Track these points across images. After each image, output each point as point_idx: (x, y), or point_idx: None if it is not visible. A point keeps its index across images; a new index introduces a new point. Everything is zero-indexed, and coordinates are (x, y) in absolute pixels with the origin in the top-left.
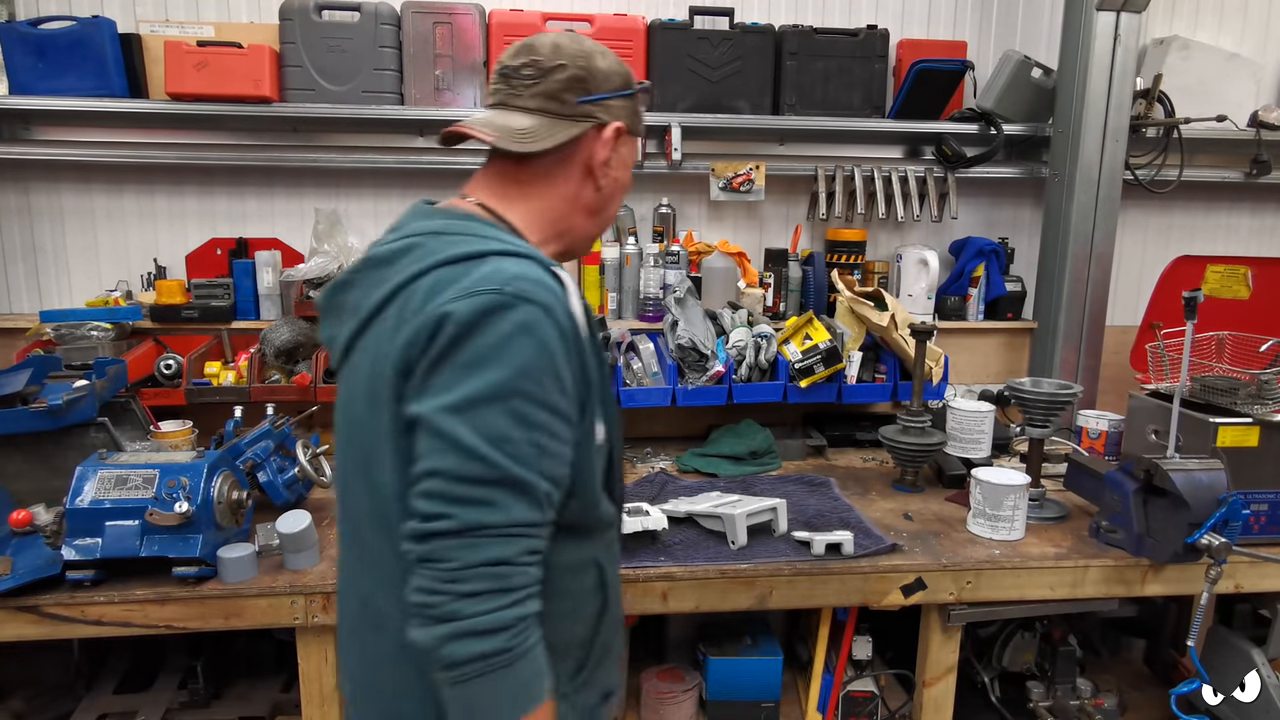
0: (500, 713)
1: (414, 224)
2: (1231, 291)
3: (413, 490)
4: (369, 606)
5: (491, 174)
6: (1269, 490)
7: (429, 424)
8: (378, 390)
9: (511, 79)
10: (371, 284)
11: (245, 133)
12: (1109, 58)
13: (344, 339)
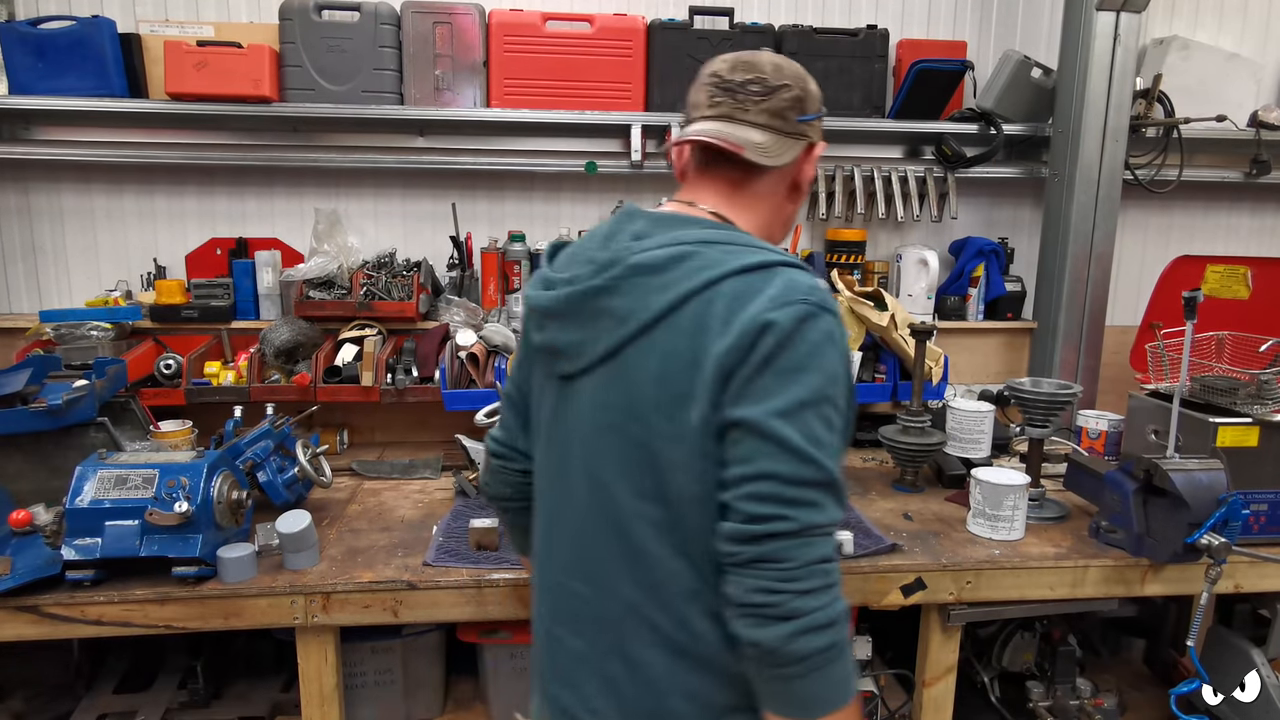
0: (835, 701)
1: (670, 231)
2: (1231, 291)
3: (732, 493)
4: (634, 617)
5: (718, 183)
6: (1269, 490)
7: (759, 428)
8: (680, 395)
9: (737, 93)
10: (643, 291)
11: (245, 133)
12: (1109, 58)
13: (608, 343)
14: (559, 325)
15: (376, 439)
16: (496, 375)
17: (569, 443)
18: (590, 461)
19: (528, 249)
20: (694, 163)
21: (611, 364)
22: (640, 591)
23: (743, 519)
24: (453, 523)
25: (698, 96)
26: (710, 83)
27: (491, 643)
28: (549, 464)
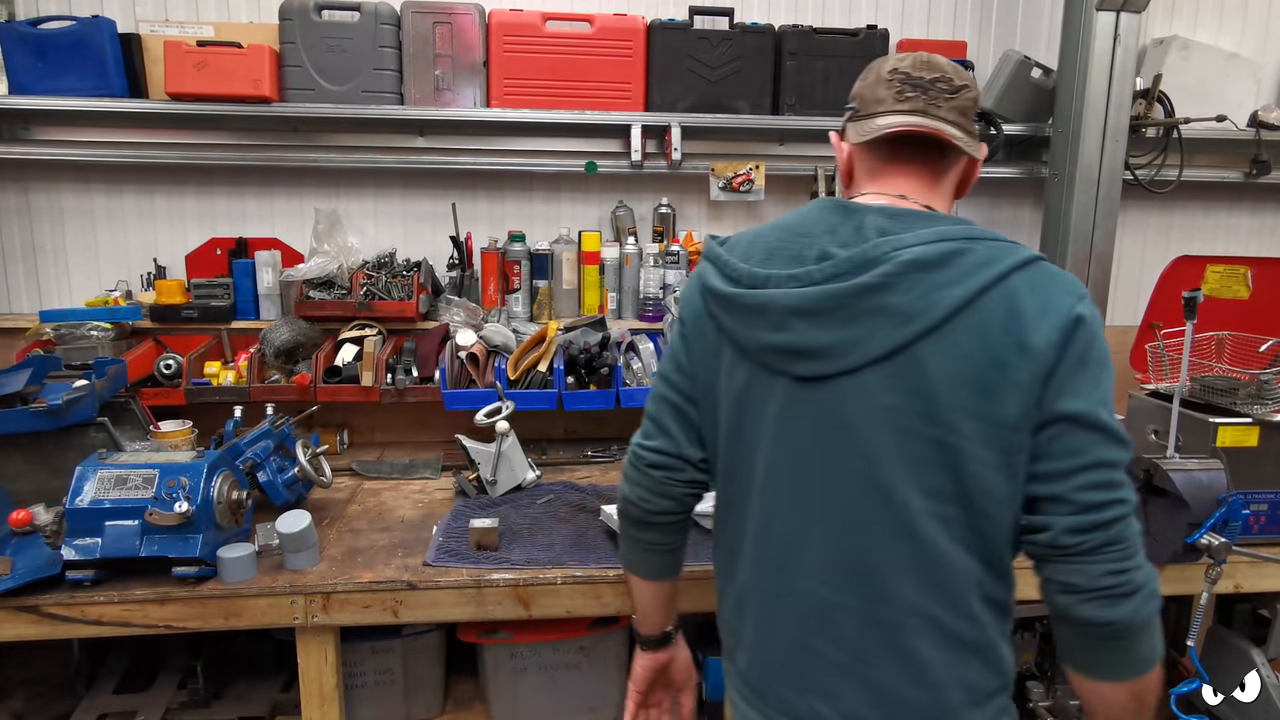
0: (1159, 650)
1: (919, 227)
2: (1231, 291)
3: (1065, 484)
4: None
5: (916, 175)
6: (1269, 490)
7: (1091, 420)
8: (990, 391)
9: (928, 90)
10: (926, 288)
11: (245, 133)
12: (1109, 58)
13: (887, 343)
14: (811, 324)
15: (376, 439)
16: (496, 375)
17: (813, 446)
18: (863, 464)
19: (528, 249)
20: (878, 156)
21: (893, 363)
22: (924, 590)
23: (1082, 508)
24: (453, 523)
25: (878, 92)
26: (895, 79)
27: (491, 643)
28: (775, 469)
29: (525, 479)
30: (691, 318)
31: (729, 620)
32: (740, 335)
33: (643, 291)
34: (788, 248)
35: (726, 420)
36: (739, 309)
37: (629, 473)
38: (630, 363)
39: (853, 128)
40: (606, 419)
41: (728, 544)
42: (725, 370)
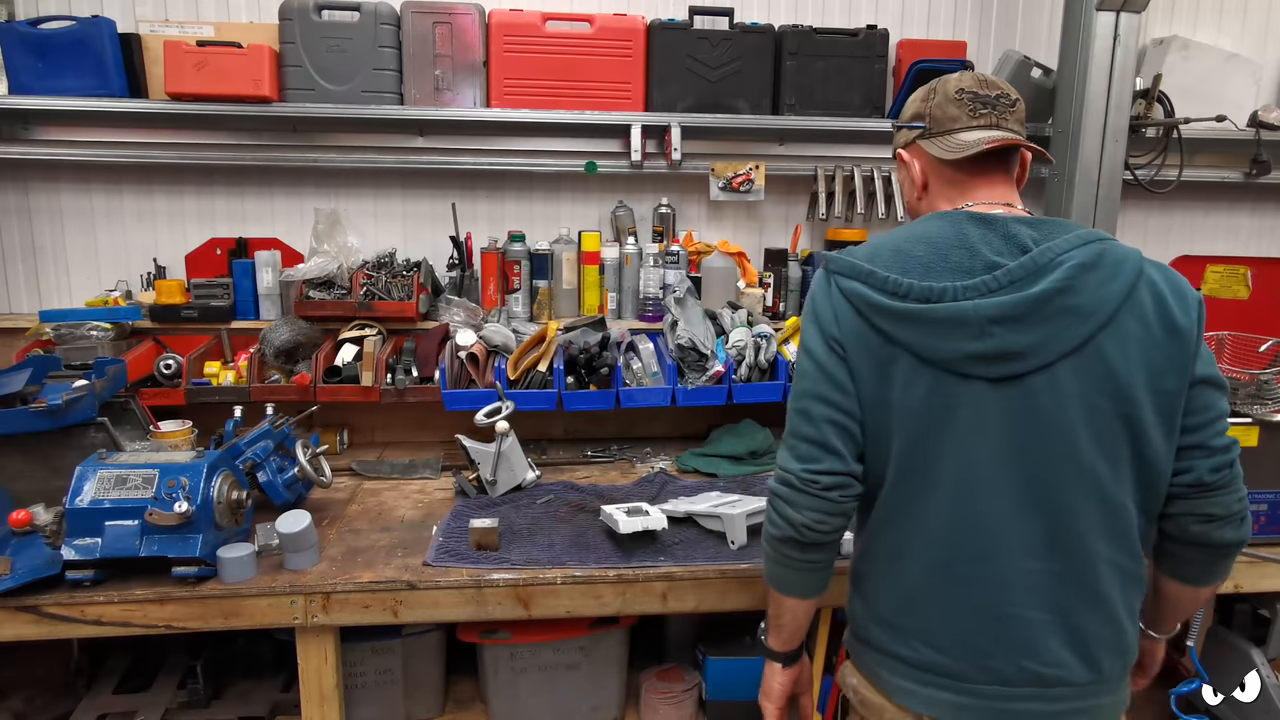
0: None
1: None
2: (1231, 291)
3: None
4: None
5: (1004, 183)
6: (1269, 490)
7: (1217, 380)
8: (1159, 368)
9: (995, 105)
10: (1094, 285)
11: (245, 133)
12: (1109, 58)
13: (1074, 338)
14: (1010, 329)
15: (376, 439)
16: (496, 375)
17: (1011, 439)
18: (1062, 445)
19: (528, 249)
20: (963, 168)
21: (1080, 355)
22: (1111, 542)
23: (1219, 450)
24: (453, 523)
25: (949, 110)
26: (965, 97)
27: (491, 643)
28: (971, 466)
29: (525, 479)
30: (851, 335)
31: (894, 615)
32: (924, 346)
33: (643, 291)
34: (944, 259)
35: (905, 428)
36: (925, 322)
37: (796, 499)
38: (630, 363)
39: (933, 144)
40: (606, 419)
41: (893, 545)
42: (900, 381)
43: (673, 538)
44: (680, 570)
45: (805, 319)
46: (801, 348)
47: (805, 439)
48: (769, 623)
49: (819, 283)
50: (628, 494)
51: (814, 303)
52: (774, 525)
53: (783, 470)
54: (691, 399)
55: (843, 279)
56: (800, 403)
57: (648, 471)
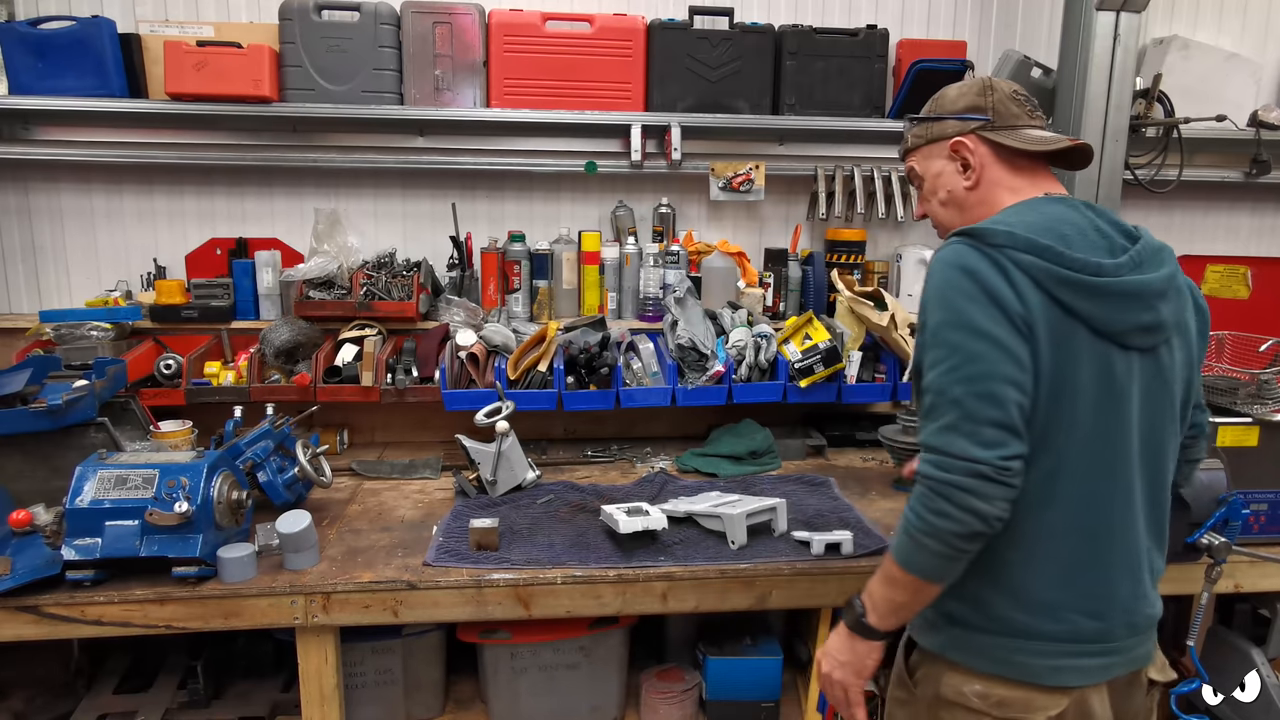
0: None
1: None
2: (1231, 291)
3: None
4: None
5: (1053, 177)
6: (1269, 490)
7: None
8: (1191, 355)
9: (1038, 109)
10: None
11: (245, 133)
12: (1109, 58)
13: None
14: (1163, 303)
15: (376, 439)
16: (496, 375)
17: (1158, 409)
18: (1173, 412)
19: (528, 249)
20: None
21: (1179, 329)
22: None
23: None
24: (453, 523)
25: (1011, 109)
26: (1020, 97)
27: (491, 643)
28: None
29: (525, 479)
30: (1036, 311)
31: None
32: (1102, 318)
33: (643, 291)
34: (1085, 238)
35: (1084, 401)
36: (1106, 295)
37: (988, 490)
38: (630, 363)
39: (1004, 135)
40: (606, 419)
41: (1049, 522)
42: (1077, 355)
43: (673, 538)
44: (680, 570)
45: (960, 298)
46: (960, 327)
47: (993, 423)
48: (885, 606)
49: (972, 258)
50: (628, 494)
51: (977, 279)
52: (952, 520)
53: (964, 460)
54: (691, 399)
55: (1016, 253)
56: (980, 385)
57: (648, 471)
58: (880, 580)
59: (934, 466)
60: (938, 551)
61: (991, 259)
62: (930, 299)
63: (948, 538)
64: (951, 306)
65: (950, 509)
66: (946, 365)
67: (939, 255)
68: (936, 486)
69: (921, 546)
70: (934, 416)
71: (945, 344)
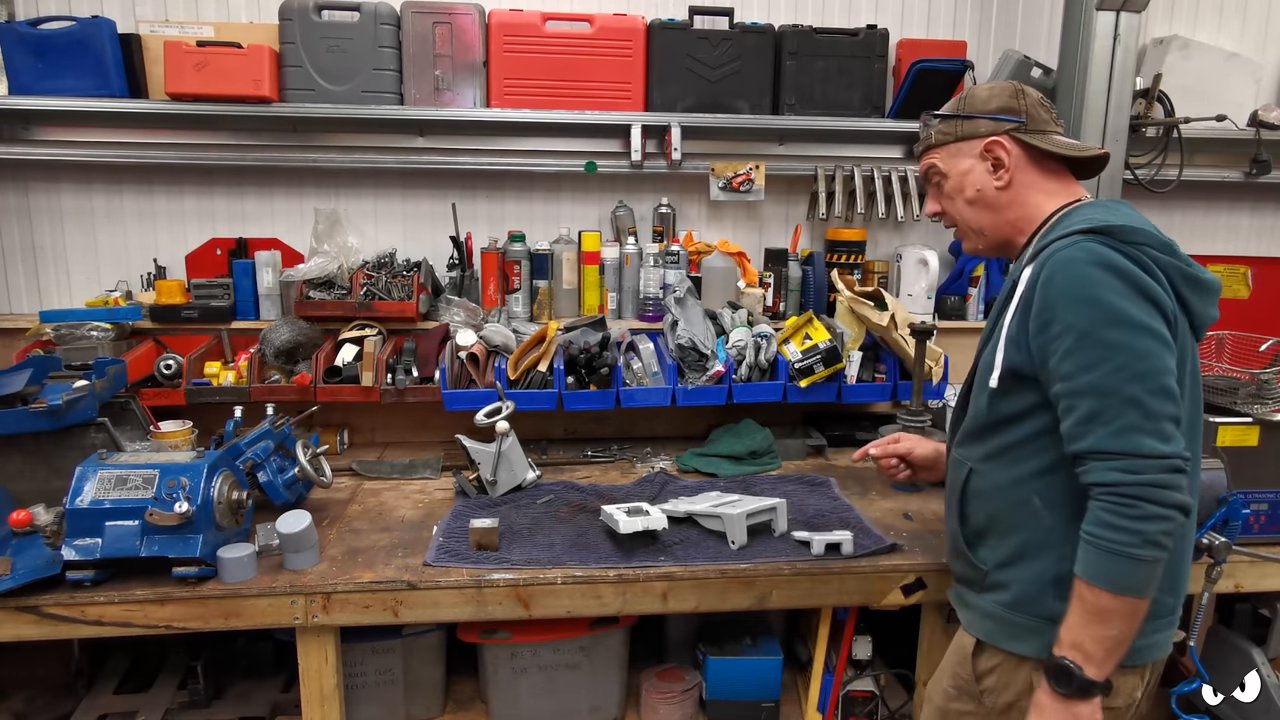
0: None
1: None
2: (1231, 291)
3: None
4: None
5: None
6: (1269, 490)
7: None
8: None
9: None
10: None
11: (245, 133)
12: (1109, 57)
13: None
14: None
15: (376, 439)
16: (496, 375)
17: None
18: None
19: (528, 249)
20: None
21: None
22: None
23: None
24: (453, 523)
25: (1042, 114)
26: (1046, 104)
27: (491, 643)
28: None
29: (525, 479)
30: (1172, 308)
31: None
32: (1200, 312)
33: (643, 291)
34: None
35: (1188, 392)
36: (1206, 290)
37: (1184, 482)
38: (630, 363)
39: (1041, 139)
40: (606, 419)
41: None
42: (1188, 348)
43: (673, 538)
44: (680, 570)
45: (1114, 296)
46: (1121, 324)
47: (1172, 418)
48: (1101, 649)
49: (1113, 256)
50: (628, 494)
51: (1127, 277)
52: (1161, 519)
53: (1159, 457)
54: (691, 399)
55: (1152, 250)
56: (1154, 381)
57: (648, 471)
58: (1087, 622)
59: (1123, 471)
60: (1151, 558)
61: (1134, 256)
62: (1067, 299)
63: (1160, 538)
64: (1104, 304)
65: (1157, 510)
66: (1112, 365)
67: (1069, 255)
68: (1133, 490)
69: (1134, 560)
70: (1105, 419)
71: (1105, 344)
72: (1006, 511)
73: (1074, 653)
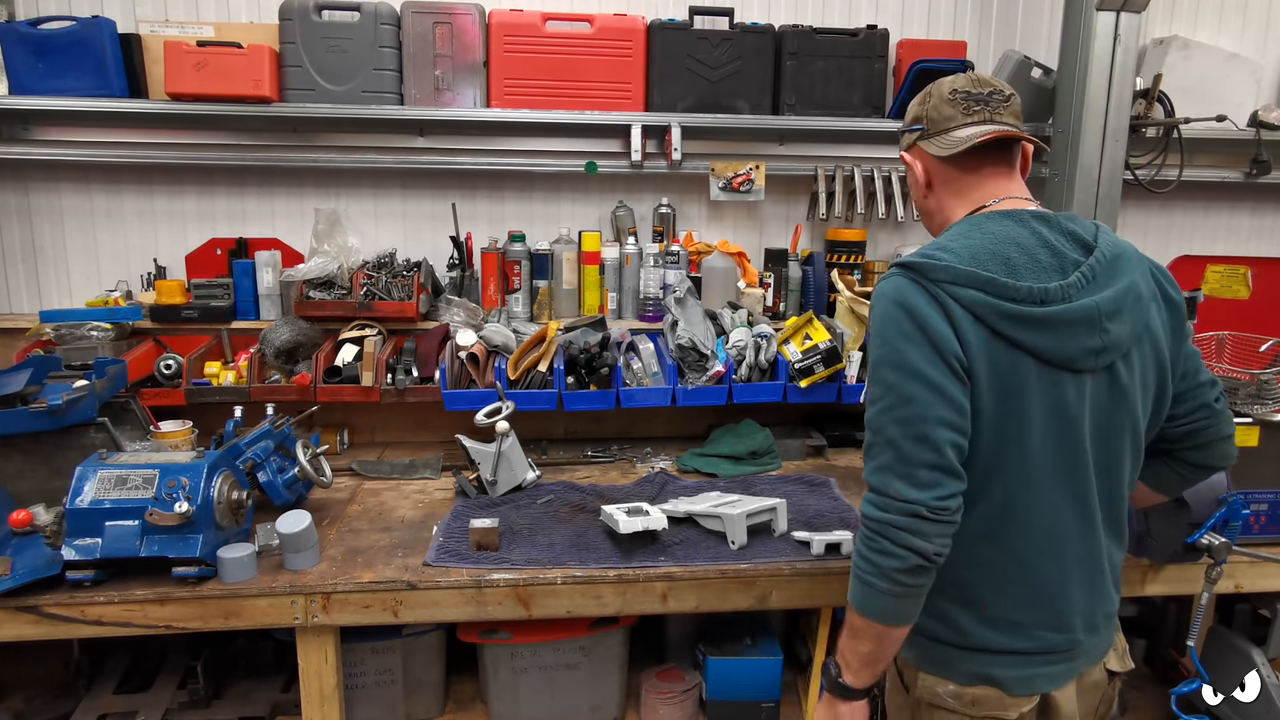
0: None
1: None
2: (1231, 291)
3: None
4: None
5: (1011, 174)
6: (1269, 490)
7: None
8: (1162, 365)
9: (988, 102)
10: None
11: (245, 133)
12: (1109, 58)
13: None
14: (1116, 323)
15: (376, 439)
16: (496, 375)
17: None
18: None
19: (528, 249)
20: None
21: (1143, 337)
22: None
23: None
24: (453, 523)
25: (945, 111)
26: (958, 97)
27: (491, 643)
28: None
29: (525, 479)
30: (976, 349)
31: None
32: (1049, 348)
33: (643, 291)
34: (1035, 260)
35: (1028, 432)
36: (1052, 324)
37: (927, 529)
38: (630, 363)
39: (932, 144)
40: (606, 419)
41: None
42: (1023, 387)
43: (673, 538)
44: (680, 570)
45: (898, 337)
46: (897, 367)
47: (928, 465)
48: (855, 660)
49: (912, 294)
50: (628, 494)
51: (915, 317)
52: (895, 557)
53: (902, 501)
54: (691, 399)
55: (957, 288)
56: (913, 428)
57: (648, 471)
58: (846, 636)
59: (873, 506)
60: (887, 590)
61: (930, 294)
62: (872, 332)
63: (893, 574)
64: (889, 344)
65: (891, 547)
66: (883, 404)
67: (880, 287)
68: (876, 526)
69: (872, 588)
70: (872, 455)
71: (881, 382)
72: None
73: (839, 657)
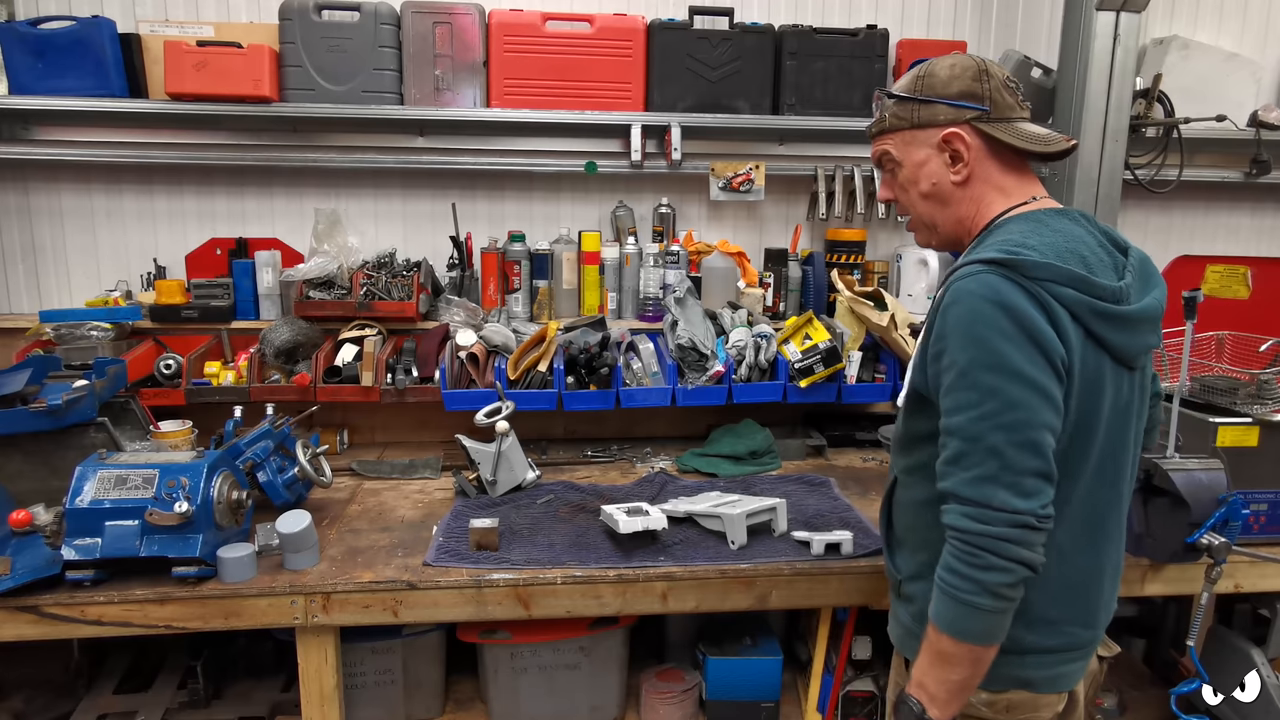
0: None
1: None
2: (1231, 291)
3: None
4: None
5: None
6: (1269, 490)
7: None
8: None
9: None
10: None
11: (245, 133)
12: (1109, 58)
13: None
14: (1157, 326)
15: (376, 439)
16: (496, 375)
17: (1133, 425)
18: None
19: (528, 249)
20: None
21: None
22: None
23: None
24: (453, 523)
25: (1006, 98)
26: (1011, 84)
27: (491, 643)
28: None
29: (525, 479)
30: (1075, 350)
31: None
32: (1125, 346)
33: (643, 291)
34: (1100, 260)
35: (1101, 429)
36: (1127, 323)
37: (1033, 539)
38: (630, 363)
39: (1002, 129)
40: (606, 419)
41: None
42: (1105, 385)
43: (673, 538)
44: (680, 570)
45: (996, 337)
46: (996, 370)
47: (1034, 473)
48: (944, 691)
49: (1009, 292)
50: (628, 494)
51: (1015, 316)
52: (1003, 571)
53: (1009, 512)
54: (692, 399)
55: (1057, 286)
56: (1020, 434)
57: (648, 471)
58: (930, 664)
59: (972, 520)
60: (992, 608)
61: (1031, 294)
62: (957, 333)
63: (1000, 590)
64: (987, 345)
65: (999, 561)
66: (981, 410)
67: (965, 286)
68: (979, 541)
69: (974, 608)
70: (966, 465)
71: (979, 387)
72: (917, 527)
73: (919, 691)
